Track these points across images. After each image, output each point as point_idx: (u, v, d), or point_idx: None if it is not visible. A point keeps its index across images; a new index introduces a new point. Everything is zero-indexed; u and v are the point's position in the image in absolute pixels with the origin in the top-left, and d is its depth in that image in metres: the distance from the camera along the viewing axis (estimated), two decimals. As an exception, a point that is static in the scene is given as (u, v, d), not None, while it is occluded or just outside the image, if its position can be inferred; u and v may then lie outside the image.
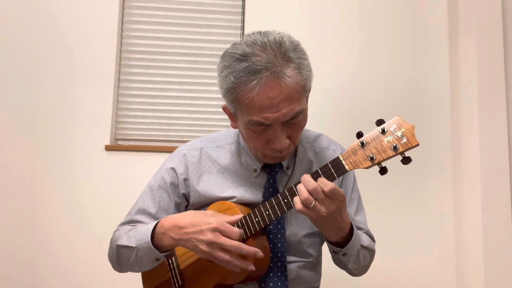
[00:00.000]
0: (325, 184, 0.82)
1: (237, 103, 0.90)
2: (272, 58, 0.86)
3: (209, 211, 0.95)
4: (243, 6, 2.23)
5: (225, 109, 0.99)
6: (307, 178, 0.84)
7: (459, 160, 2.10)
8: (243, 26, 2.21)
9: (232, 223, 0.91)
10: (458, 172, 2.10)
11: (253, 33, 0.92)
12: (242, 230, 0.90)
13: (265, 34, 0.90)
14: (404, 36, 2.22)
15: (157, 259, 0.97)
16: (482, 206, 1.92)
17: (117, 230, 1.10)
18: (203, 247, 0.87)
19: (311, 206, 0.82)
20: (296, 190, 0.88)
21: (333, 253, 1.00)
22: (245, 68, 0.86)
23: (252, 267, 0.89)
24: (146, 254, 0.96)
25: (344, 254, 0.97)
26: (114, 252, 1.06)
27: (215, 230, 0.87)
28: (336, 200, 0.83)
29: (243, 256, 0.89)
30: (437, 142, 2.15)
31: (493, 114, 1.98)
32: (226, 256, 0.87)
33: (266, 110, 0.87)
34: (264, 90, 0.85)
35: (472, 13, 2.06)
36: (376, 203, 1.95)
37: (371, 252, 1.08)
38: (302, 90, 0.90)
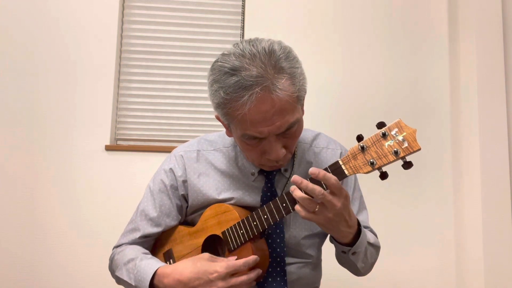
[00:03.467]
0: (329, 178, 0.79)
1: (229, 117, 0.88)
2: (262, 72, 0.82)
3: (204, 254, 0.93)
4: (243, 6, 2.23)
5: (218, 118, 0.97)
6: (311, 186, 0.80)
7: (459, 160, 2.09)
8: (243, 26, 2.21)
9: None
10: (458, 172, 2.10)
11: (242, 42, 0.88)
12: (246, 260, 0.89)
13: (254, 43, 0.86)
14: (404, 36, 2.22)
15: None
16: (482, 206, 1.92)
17: (118, 251, 1.07)
18: None
19: (316, 209, 0.80)
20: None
21: (342, 253, 0.96)
22: (235, 83, 0.82)
23: (259, 272, 0.92)
24: None
25: (353, 253, 0.94)
26: (114, 276, 1.06)
27: (226, 277, 0.87)
28: (340, 196, 0.81)
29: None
30: (437, 142, 2.15)
31: (493, 114, 1.98)
32: None
33: (259, 124, 0.84)
34: (256, 105, 0.82)
35: (472, 13, 2.06)
36: (376, 203, 1.95)
37: (377, 249, 1.07)
38: (296, 101, 0.87)
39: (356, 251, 0.94)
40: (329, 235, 1.13)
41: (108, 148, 2.06)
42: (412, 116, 2.14)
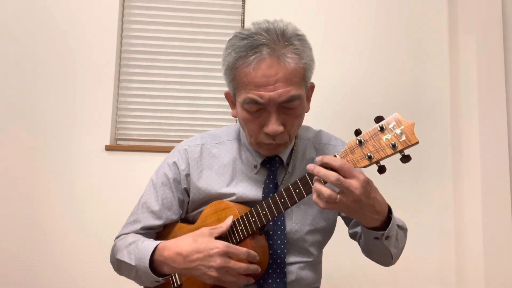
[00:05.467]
0: (334, 160, 0.78)
1: (236, 81, 0.92)
2: (274, 39, 0.88)
3: (204, 229, 0.93)
4: (243, 6, 2.23)
5: (227, 95, 1.01)
6: (324, 172, 0.79)
7: (459, 160, 2.09)
8: (243, 26, 2.21)
9: (224, 233, 0.92)
10: (458, 172, 2.10)
11: (263, 21, 0.93)
12: (249, 250, 0.89)
13: (273, 22, 0.92)
14: (404, 36, 2.22)
15: (157, 281, 0.97)
16: (482, 206, 1.92)
17: (120, 239, 1.08)
18: (213, 273, 0.87)
19: (337, 201, 0.78)
20: (293, 190, 0.87)
21: (375, 239, 0.91)
22: (246, 44, 0.88)
23: (258, 269, 0.91)
24: (145, 275, 0.96)
25: (387, 237, 0.90)
26: (115, 263, 1.07)
27: (225, 254, 0.87)
28: (357, 180, 0.78)
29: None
30: (437, 141, 2.15)
31: (493, 114, 1.98)
32: (233, 278, 0.88)
33: (262, 88, 0.88)
34: (262, 66, 0.87)
35: (472, 13, 2.06)
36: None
37: (405, 231, 1.05)
38: (301, 76, 0.90)
39: (389, 235, 0.90)
40: (348, 232, 1.13)
41: (108, 148, 2.06)
42: (412, 116, 2.14)
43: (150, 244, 0.97)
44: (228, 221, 0.94)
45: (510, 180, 1.95)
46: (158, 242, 0.97)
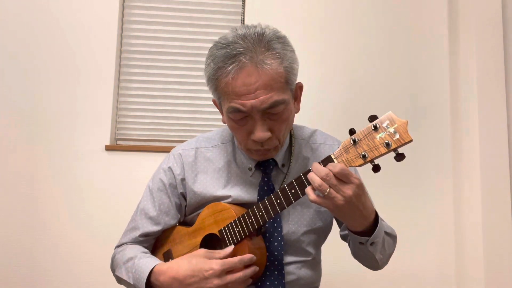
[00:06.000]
0: (334, 166, 0.79)
1: (218, 91, 0.92)
2: (251, 46, 0.86)
3: (200, 251, 0.93)
4: (243, 6, 2.23)
5: (214, 102, 1.00)
6: (317, 165, 0.81)
7: (459, 160, 2.09)
8: (243, 26, 2.21)
9: (225, 257, 0.91)
10: (458, 172, 2.10)
11: (241, 26, 0.92)
12: (241, 257, 0.89)
13: (250, 27, 0.91)
14: (404, 35, 2.22)
15: None
16: (482, 206, 1.92)
17: (119, 251, 1.08)
18: None
19: (326, 193, 0.79)
20: (289, 190, 0.87)
21: (360, 244, 0.92)
22: (224, 54, 0.87)
23: (256, 269, 0.91)
24: None
25: (372, 243, 0.91)
26: (114, 275, 1.07)
27: (221, 273, 0.87)
28: (351, 184, 0.79)
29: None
30: (437, 142, 2.15)
31: (493, 114, 1.98)
32: None
33: (243, 96, 0.87)
34: (240, 75, 0.86)
35: (472, 13, 2.06)
36: (375, 203, 1.95)
37: (394, 238, 1.05)
38: (283, 81, 0.89)
39: (375, 241, 0.91)
40: (339, 233, 1.13)
41: (108, 148, 2.06)
42: (412, 115, 2.14)
43: (146, 265, 0.96)
44: (228, 250, 0.93)
45: (510, 180, 1.94)
46: (153, 263, 0.96)
